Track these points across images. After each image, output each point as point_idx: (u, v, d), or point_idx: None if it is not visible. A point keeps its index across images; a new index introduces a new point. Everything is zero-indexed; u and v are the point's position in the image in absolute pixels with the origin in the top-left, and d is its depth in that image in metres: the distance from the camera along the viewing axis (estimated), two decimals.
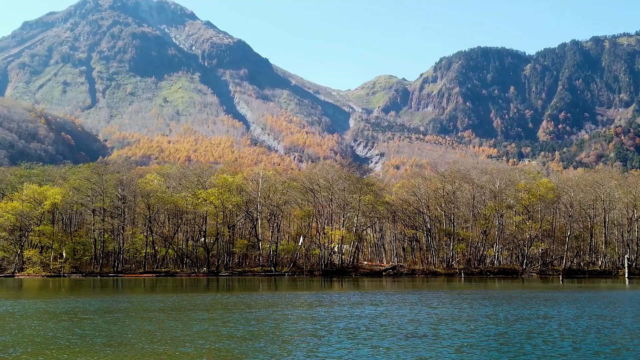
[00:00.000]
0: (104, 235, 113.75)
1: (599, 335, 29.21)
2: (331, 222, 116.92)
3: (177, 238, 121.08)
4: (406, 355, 23.48)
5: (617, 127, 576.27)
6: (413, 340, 27.12)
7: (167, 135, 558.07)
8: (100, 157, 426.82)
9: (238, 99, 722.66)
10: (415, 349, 25.00)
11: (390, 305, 45.30)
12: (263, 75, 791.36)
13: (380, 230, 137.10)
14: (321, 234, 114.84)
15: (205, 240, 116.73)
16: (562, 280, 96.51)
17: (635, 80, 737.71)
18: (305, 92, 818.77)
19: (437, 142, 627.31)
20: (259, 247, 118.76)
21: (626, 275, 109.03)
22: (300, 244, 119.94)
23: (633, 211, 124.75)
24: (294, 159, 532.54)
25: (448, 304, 46.47)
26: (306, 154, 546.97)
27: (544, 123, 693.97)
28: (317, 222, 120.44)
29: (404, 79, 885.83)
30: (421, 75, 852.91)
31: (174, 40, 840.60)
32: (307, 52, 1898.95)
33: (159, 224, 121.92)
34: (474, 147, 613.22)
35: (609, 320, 35.60)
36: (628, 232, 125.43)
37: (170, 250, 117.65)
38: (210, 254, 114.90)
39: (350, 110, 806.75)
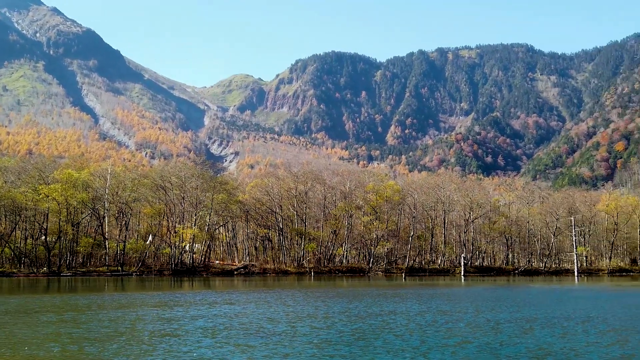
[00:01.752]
0: None
1: (444, 329, 31.20)
2: (183, 221, 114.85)
3: (15, 236, 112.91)
4: (268, 352, 23.77)
5: (457, 134, 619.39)
6: (273, 338, 27.46)
7: (6, 127, 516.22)
8: None
9: (86, 91, 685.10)
10: (276, 346, 25.35)
11: (247, 304, 45.56)
12: (114, 67, 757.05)
13: (233, 229, 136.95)
14: (172, 232, 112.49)
15: (46, 238, 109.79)
16: (405, 278, 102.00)
17: (474, 90, 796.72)
18: (159, 87, 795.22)
19: (291, 142, 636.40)
20: (105, 246, 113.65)
21: (462, 273, 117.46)
22: (149, 242, 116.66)
23: (469, 213, 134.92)
24: (146, 156, 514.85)
25: (303, 302, 47.45)
26: (159, 150, 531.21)
27: (392, 128, 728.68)
28: (168, 221, 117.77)
29: (260, 79, 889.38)
30: (277, 76, 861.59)
31: (15, 25, 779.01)
32: (161, 46, 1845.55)
33: None
34: (327, 148, 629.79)
35: (451, 315, 38.23)
36: (465, 232, 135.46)
37: (6, 249, 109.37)
38: (52, 253, 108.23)
39: (206, 107, 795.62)
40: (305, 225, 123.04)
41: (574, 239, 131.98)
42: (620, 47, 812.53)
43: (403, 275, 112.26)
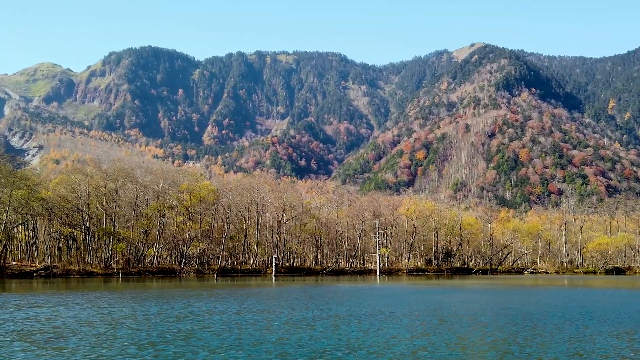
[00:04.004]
0: None
1: (261, 327, 31.52)
2: None
3: None
4: (91, 356, 22.62)
5: (273, 137, 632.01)
6: (90, 340, 26.14)
7: None
8: None
9: None
10: (96, 348, 24.36)
11: (56, 307, 42.35)
12: None
13: (34, 228, 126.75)
14: None
15: None
16: (217, 279, 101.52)
17: (290, 95, 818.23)
18: None
19: (102, 138, 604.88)
20: None
21: (273, 274, 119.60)
22: None
23: (282, 214, 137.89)
24: None
25: (117, 304, 45.36)
26: None
27: (209, 128, 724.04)
28: None
29: (69, 70, 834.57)
30: (89, 67, 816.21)
31: None
32: None
33: None
34: (141, 146, 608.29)
35: (268, 314, 38.57)
36: (277, 233, 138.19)
37: None
38: None
39: (6, 96, 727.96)
40: (114, 225, 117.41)
41: (377, 241, 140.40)
42: (423, 63, 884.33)
43: (215, 276, 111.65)
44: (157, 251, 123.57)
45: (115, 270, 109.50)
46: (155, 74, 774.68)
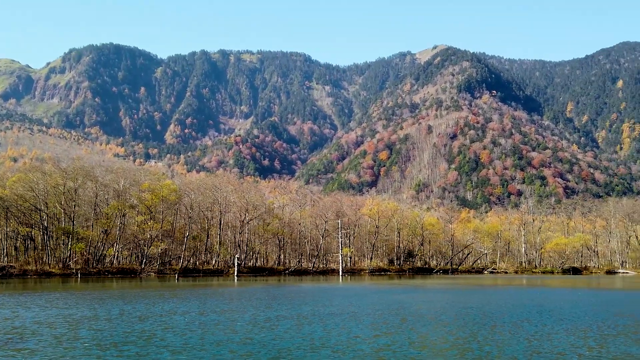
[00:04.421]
0: None
1: (224, 327, 31.44)
2: None
3: None
4: (52, 357, 22.31)
5: (237, 136, 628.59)
6: (52, 341, 25.76)
7: None
8: None
9: None
10: (57, 349, 23.99)
11: (15, 308, 41.45)
12: None
13: None
14: None
15: None
16: (178, 279, 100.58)
17: (254, 95, 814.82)
18: None
19: (62, 136, 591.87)
20: None
21: (235, 274, 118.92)
22: None
23: (245, 214, 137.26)
24: None
25: (77, 305, 44.53)
26: None
27: (172, 126, 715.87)
28: None
29: (28, 66, 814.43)
30: (48, 64, 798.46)
31: None
32: None
33: None
34: (102, 144, 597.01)
35: (231, 314, 38.53)
36: (240, 233, 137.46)
37: None
38: None
39: None
40: (73, 224, 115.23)
41: (340, 241, 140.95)
42: (387, 64, 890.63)
43: (176, 276, 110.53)
44: (118, 251, 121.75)
45: (74, 271, 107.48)
46: (116, 72, 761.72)
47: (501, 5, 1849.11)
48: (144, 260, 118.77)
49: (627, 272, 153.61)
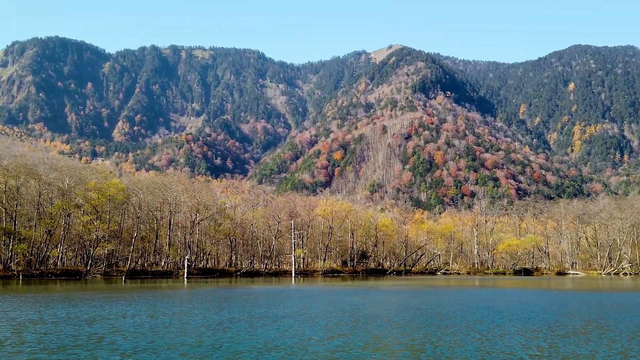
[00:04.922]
0: None
1: (175, 329, 30.73)
2: None
3: None
4: None
5: (188, 134, 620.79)
6: None
7: None
8: None
9: None
10: (3, 354, 23.01)
11: None
12: None
13: None
14: None
15: None
16: (125, 281, 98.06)
17: (206, 92, 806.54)
18: None
19: (3, 132, 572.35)
20: None
21: (185, 276, 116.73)
22: None
23: (196, 215, 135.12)
24: None
25: (21, 308, 42.65)
26: None
27: (120, 123, 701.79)
28: None
29: None
30: None
31: None
32: None
33: None
34: (46, 141, 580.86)
35: (183, 316, 37.61)
36: (190, 234, 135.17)
37: None
38: None
39: None
40: (15, 224, 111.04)
41: (293, 242, 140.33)
42: (342, 63, 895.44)
43: (123, 278, 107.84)
44: (62, 252, 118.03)
45: (15, 272, 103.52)
46: (62, 66, 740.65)
47: (456, 6, 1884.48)
48: (90, 262, 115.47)
49: (577, 274, 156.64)
